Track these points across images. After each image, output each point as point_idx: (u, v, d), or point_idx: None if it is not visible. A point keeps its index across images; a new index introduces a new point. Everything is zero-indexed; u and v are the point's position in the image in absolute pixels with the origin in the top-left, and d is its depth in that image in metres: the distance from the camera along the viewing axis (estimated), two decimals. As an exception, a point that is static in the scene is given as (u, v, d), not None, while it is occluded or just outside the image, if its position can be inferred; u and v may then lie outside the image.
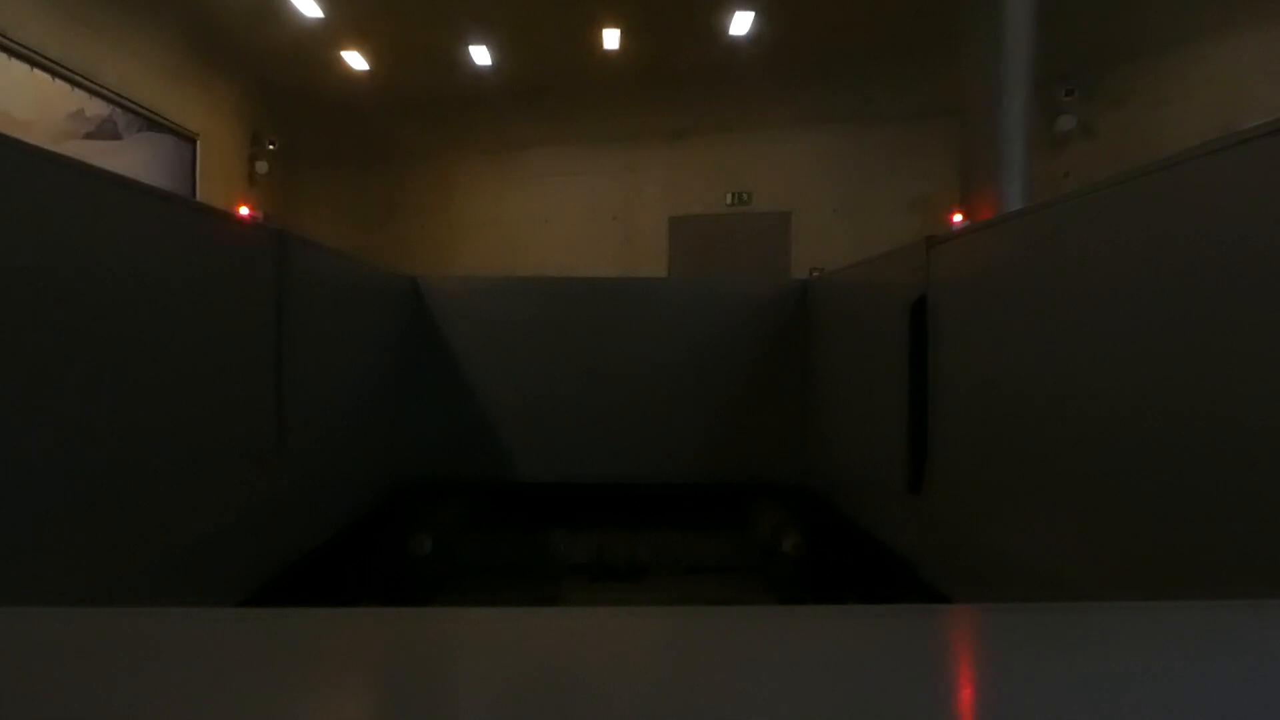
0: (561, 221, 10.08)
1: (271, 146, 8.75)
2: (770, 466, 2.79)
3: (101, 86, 5.88)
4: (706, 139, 9.58)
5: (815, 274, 2.84)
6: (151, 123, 6.68)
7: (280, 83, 8.32)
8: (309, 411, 1.79)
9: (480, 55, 7.73)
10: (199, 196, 7.05)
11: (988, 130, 4.64)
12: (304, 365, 1.76)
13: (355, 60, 7.89)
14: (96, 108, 5.97)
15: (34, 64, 5.33)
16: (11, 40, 5.13)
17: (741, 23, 6.97)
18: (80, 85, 5.63)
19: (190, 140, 7.27)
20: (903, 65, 7.69)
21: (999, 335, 1.43)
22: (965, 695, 0.47)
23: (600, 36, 7.27)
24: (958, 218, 1.40)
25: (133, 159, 6.21)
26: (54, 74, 5.43)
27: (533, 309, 2.85)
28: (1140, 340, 1.07)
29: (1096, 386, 1.16)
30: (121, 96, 6.11)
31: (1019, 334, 1.36)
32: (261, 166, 8.69)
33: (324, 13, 6.88)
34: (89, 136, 5.87)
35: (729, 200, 9.69)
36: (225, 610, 0.60)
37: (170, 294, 1.27)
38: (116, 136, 6.21)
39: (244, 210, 6.59)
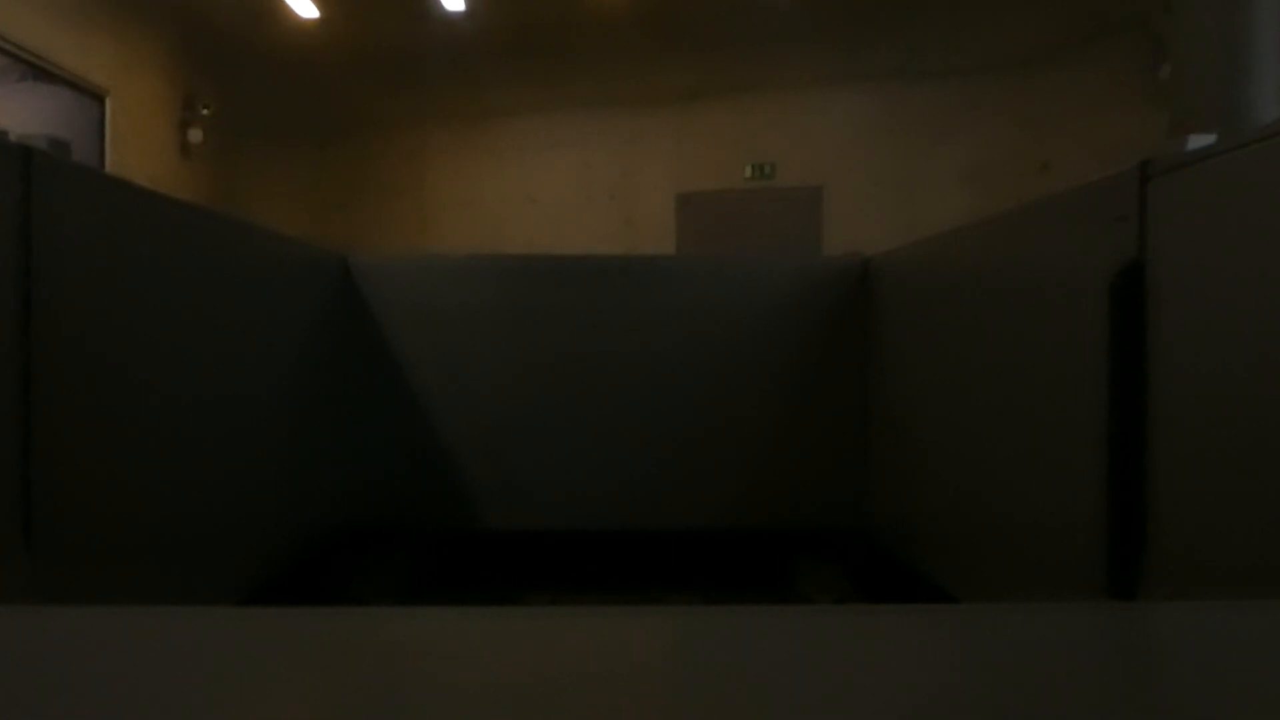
0: (550, 201, 9.85)
1: (205, 111, 8.32)
2: (817, 506, 2.51)
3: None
4: (721, 102, 9.30)
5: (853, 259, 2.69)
6: (42, 72, 6.17)
7: (216, 34, 7.95)
8: (109, 457, 1.26)
9: (451, -1, 7.31)
10: (109, 166, 6.63)
11: (1221, 22, 3.93)
12: (100, 384, 1.23)
13: (303, 6, 7.47)
14: (-44, 48, 5.48)
15: None
16: None
17: (764, -41, 6.52)
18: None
19: (97, 98, 6.79)
20: (956, 9, 7.33)
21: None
22: (967, 695, 0.49)
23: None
24: (1199, 140, 0.98)
25: (9, 113, 5.71)
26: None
27: (502, 298, 2.51)
28: None
29: None
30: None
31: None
32: (195, 135, 8.27)
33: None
34: (-53, 82, 5.43)
35: (748, 174, 9.42)
36: (225, 609, 0.66)
37: None
38: (-13, 84, 5.76)
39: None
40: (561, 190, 9.89)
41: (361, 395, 2.45)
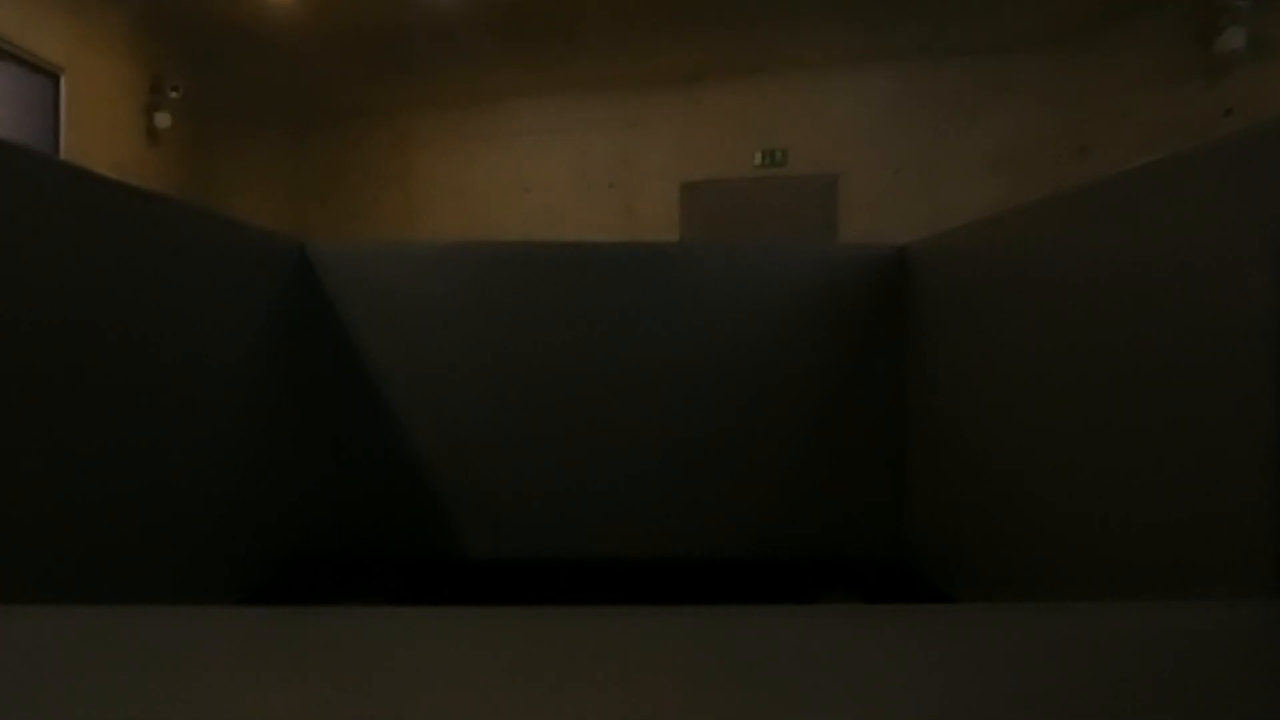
0: (546, 190, 9.87)
1: (174, 94, 8.20)
2: (848, 531, 2.38)
3: None
4: (728, 83, 9.29)
5: None
6: (-14, 46, 6.01)
7: (186, 11, 7.83)
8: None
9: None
10: (64, 150, 6.48)
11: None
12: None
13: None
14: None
15: None
16: None
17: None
18: None
19: (51, 76, 6.63)
20: (986, -19, 7.28)
21: None
22: (965, 695, 0.51)
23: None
24: None
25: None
26: None
27: (484, 291, 2.36)
28: None
29: None
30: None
31: None
32: (163, 119, 8.15)
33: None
34: None
35: (758, 161, 9.40)
36: (225, 609, 0.65)
37: None
38: (-85, 58, 5.61)
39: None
40: (557, 178, 9.88)
41: (320, 402, 2.29)
